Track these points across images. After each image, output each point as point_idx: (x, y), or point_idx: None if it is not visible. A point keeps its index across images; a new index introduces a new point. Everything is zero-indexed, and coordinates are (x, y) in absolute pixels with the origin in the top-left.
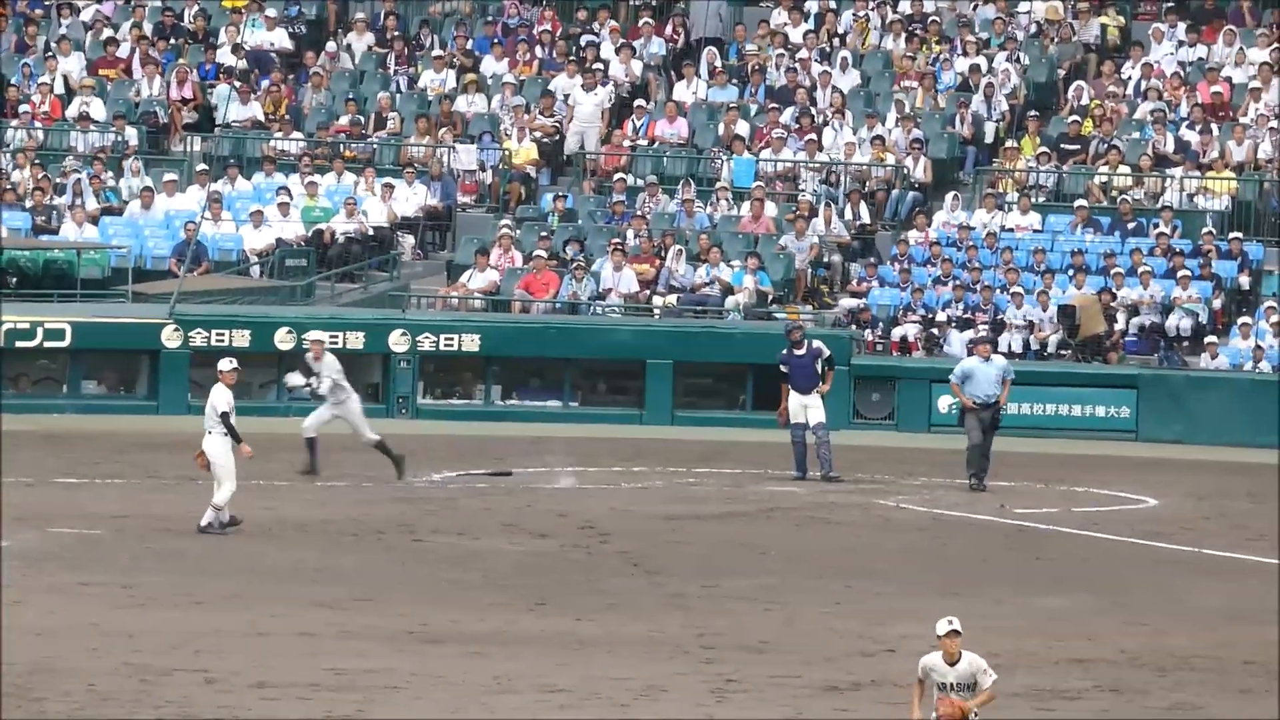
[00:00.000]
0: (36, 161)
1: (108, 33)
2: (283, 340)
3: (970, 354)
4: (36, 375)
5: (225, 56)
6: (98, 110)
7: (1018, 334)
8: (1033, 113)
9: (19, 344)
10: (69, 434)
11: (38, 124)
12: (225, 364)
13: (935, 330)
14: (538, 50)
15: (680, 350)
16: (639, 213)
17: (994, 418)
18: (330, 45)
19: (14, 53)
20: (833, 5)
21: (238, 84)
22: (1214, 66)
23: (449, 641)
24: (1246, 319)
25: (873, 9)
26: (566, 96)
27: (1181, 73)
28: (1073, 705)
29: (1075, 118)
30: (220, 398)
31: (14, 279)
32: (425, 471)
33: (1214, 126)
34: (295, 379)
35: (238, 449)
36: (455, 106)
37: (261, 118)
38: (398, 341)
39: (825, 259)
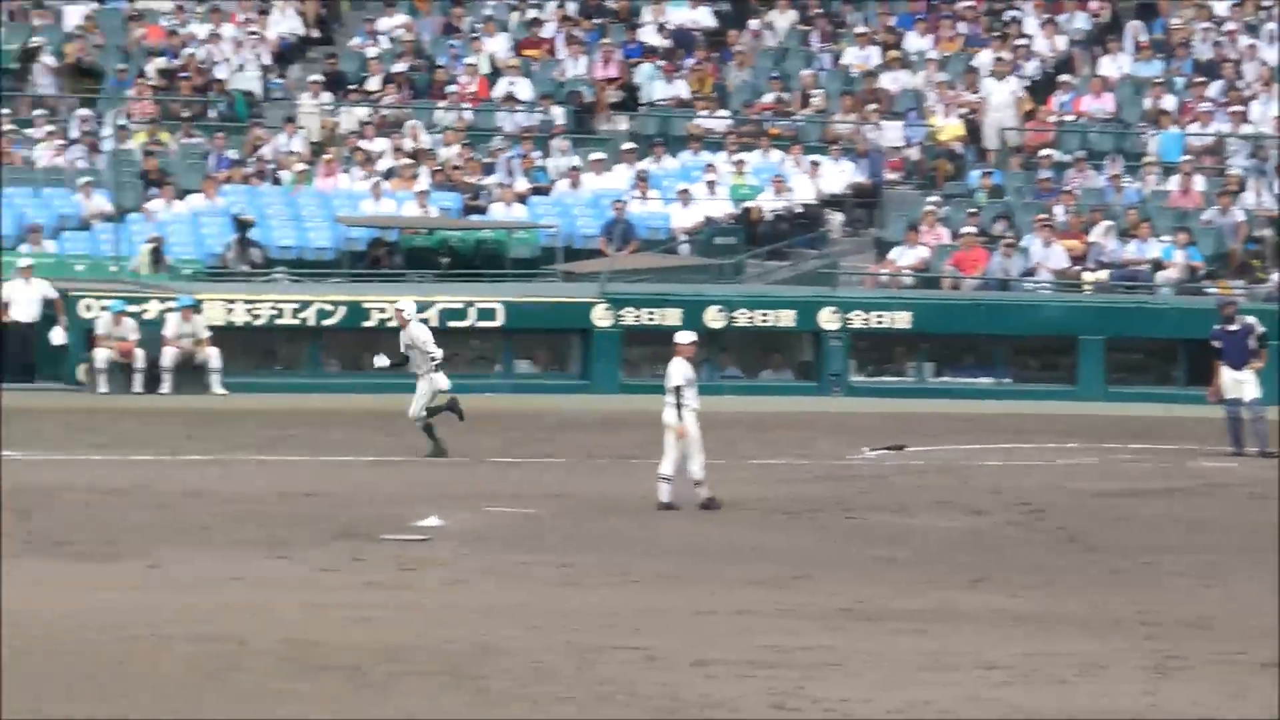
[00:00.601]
0: (465, 142)
1: (532, 13)
2: (713, 319)
3: None
4: (470, 355)
5: (649, 35)
6: (524, 90)
7: None
8: None
9: (452, 324)
10: (502, 413)
11: (465, 104)
12: (683, 337)
13: None
14: (961, 26)
15: (1112, 326)
16: (1067, 188)
17: None
18: (753, 23)
19: (440, 34)
20: None
21: (662, 62)
22: None
23: (885, 619)
24: None
25: None
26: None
27: None
28: None
29: None
30: (677, 371)
31: (446, 259)
32: (856, 449)
33: None
34: (382, 360)
35: (679, 424)
36: (880, 83)
37: (686, 96)
38: (829, 319)
39: (1256, 233)
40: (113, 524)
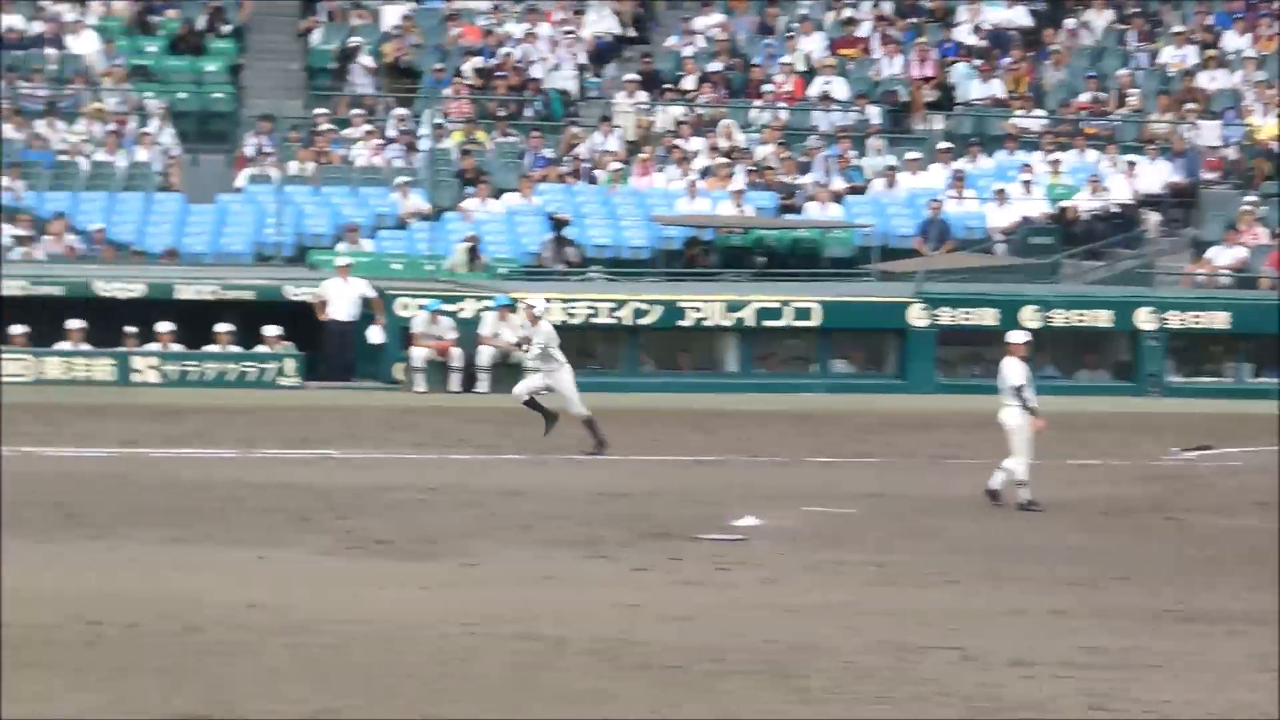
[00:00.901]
0: (781, 141)
1: (848, 12)
2: (1030, 319)
3: None
4: (785, 354)
5: (964, 34)
6: (839, 89)
7: None
8: None
9: (767, 323)
10: (819, 413)
11: (780, 104)
12: (1016, 336)
13: None
14: None
15: None
16: None
17: None
18: (1070, 22)
19: (756, 33)
20: None
21: (978, 62)
22: None
23: (1204, 620)
24: None
25: None
26: None
27: None
28: None
29: None
30: (1013, 370)
31: (762, 258)
32: (1172, 449)
33: None
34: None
35: (1031, 422)
36: (1197, 82)
37: (1002, 95)
38: (1146, 319)
39: None
40: (430, 522)
